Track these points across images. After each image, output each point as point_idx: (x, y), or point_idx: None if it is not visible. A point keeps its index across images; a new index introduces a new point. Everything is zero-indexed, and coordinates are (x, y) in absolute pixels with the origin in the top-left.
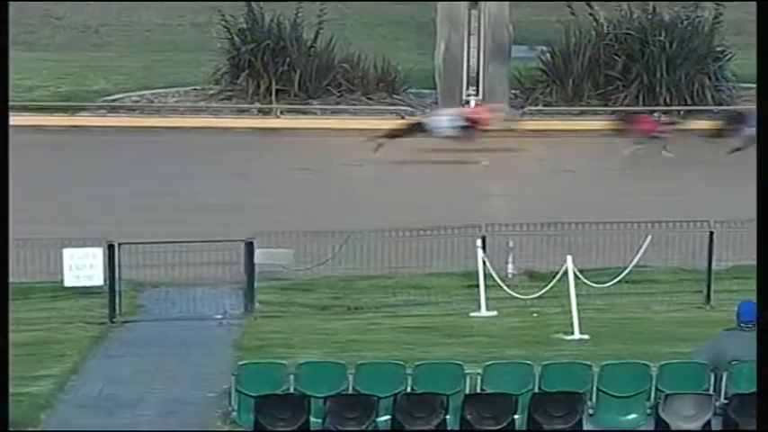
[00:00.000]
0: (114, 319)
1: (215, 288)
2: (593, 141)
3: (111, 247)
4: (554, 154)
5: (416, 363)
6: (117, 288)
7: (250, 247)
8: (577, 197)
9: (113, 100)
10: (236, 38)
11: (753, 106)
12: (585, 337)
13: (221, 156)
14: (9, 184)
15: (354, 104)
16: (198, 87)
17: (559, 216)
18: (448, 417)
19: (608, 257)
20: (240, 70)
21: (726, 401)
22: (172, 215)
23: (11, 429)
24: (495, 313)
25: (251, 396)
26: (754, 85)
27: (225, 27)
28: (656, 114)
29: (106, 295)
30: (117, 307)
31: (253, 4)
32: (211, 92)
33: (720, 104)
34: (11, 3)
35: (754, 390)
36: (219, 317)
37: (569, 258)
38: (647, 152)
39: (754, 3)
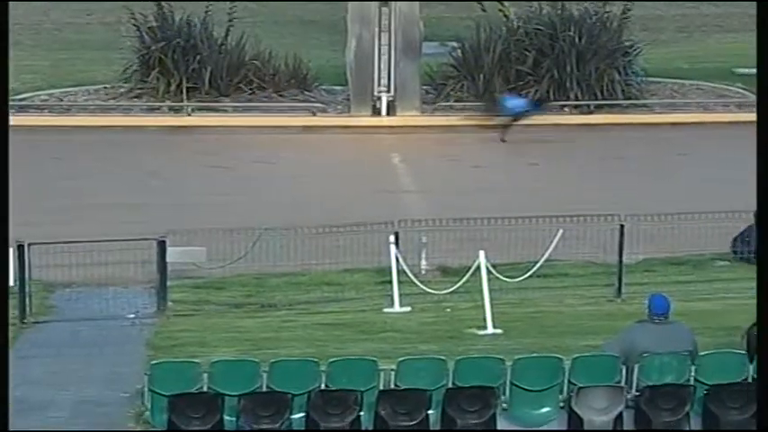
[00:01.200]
0: (25, 320)
1: (127, 287)
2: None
3: (20, 248)
4: (466, 149)
5: (330, 360)
6: (27, 289)
7: (162, 246)
8: (490, 192)
9: (22, 99)
10: (145, 36)
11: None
12: (499, 331)
13: (132, 154)
14: (9, 184)
15: (266, 101)
16: (108, 86)
17: (472, 211)
18: (362, 413)
19: (520, 252)
20: (150, 68)
21: (637, 393)
22: (82, 214)
23: (11, 430)
24: (408, 309)
25: (164, 395)
26: (663, 80)
27: (134, 25)
28: (566, 109)
29: (16, 296)
30: (27, 308)
31: (163, 3)
32: (121, 90)
33: (630, 98)
34: None
35: (664, 381)
36: (132, 316)
37: (482, 253)
38: (563, 146)
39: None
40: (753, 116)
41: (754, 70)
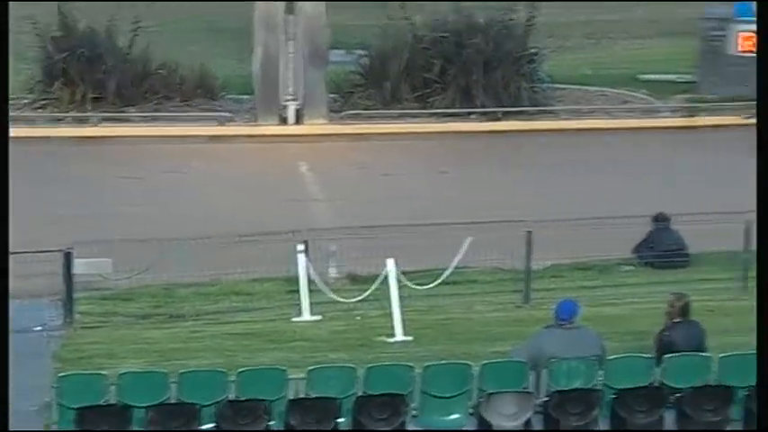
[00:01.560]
0: None
1: (33, 300)
2: (411, 144)
3: None
4: (374, 157)
5: (239, 369)
6: None
7: (68, 258)
8: (399, 199)
9: None
10: (49, 46)
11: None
12: (408, 338)
13: (38, 165)
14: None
15: (173, 111)
16: (11, 96)
17: (381, 219)
18: (272, 423)
19: (430, 260)
20: (54, 78)
21: (546, 399)
22: None
23: (11, 430)
24: (318, 318)
25: (72, 408)
26: (568, 86)
27: (37, 35)
28: (473, 116)
29: None
30: None
31: (65, 11)
32: (25, 101)
33: (536, 105)
34: None
35: (573, 386)
36: (38, 329)
37: (390, 261)
38: (472, 153)
39: (565, 3)
40: (658, 122)
41: (659, 76)
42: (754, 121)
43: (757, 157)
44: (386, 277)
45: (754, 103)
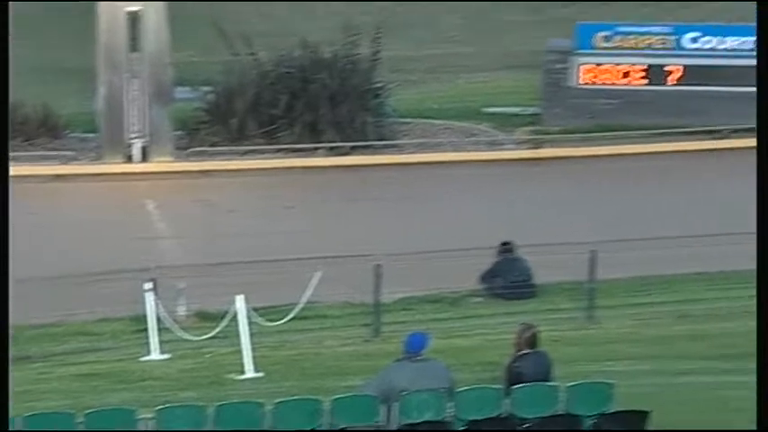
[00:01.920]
0: None
1: None
2: (258, 180)
3: None
4: (221, 194)
5: (87, 411)
6: None
7: None
8: (246, 236)
9: None
10: None
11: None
12: (259, 375)
13: None
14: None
15: (16, 151)
16: None
17: (230, 256)
18: None
19: (280, 295)
20: None
21: None
22: None
23: (11, 429)
24: (167, 356)
25: None
26: (414, 120)
27: None
28: (320, 151)
29: None
30: None
31: None
32: None
33: (383, 139)
34: None
35: (423, 419)
36: None
37: (240, 298)
38: (319, 188)
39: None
40: (504, 154)
41: (503, 109)
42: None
43: (757, 158)
44: (235, 314)
45: (598, 134)
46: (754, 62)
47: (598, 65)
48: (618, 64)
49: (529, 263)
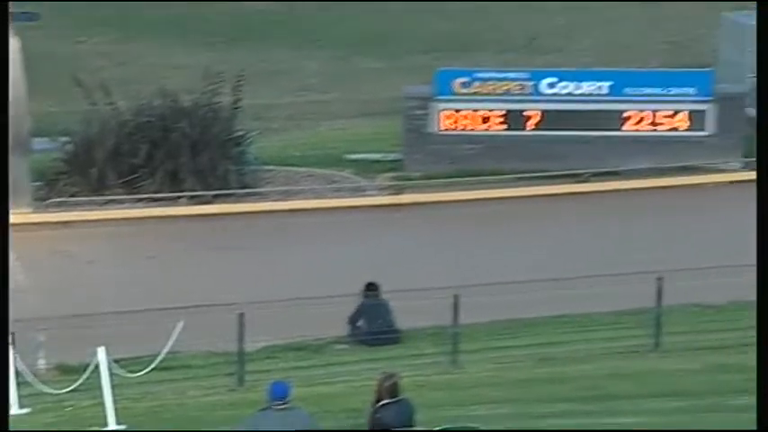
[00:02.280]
0: None
1: None
2: (118, 230)
3: None
4: (81, 245)
5: None
6: None
7: None
8: (107, 287)
9: None
10: None
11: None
12: (121, 427)
13: None
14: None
15: None
16: None
17: (90, 307)
18: None
19: (142, 346)
20: None
21: None
22: None
23: (11, 429)
24: (27, 410)
25: None
26: (276, 168)
27: None
28: (181, 200)
29: None
30: None
31: None
32: None
33: (245, 187)
34: None
35: None
36: None
37: (101, 349)
38: (181, 237)
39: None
40: (366, 200)
41: (364, 155)
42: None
43: (757, 159)
44: (97, 366)
45: (459, 179)
46: (610, 106)
47: (457, 111)
48: (477, 110)
49: (392, 307)
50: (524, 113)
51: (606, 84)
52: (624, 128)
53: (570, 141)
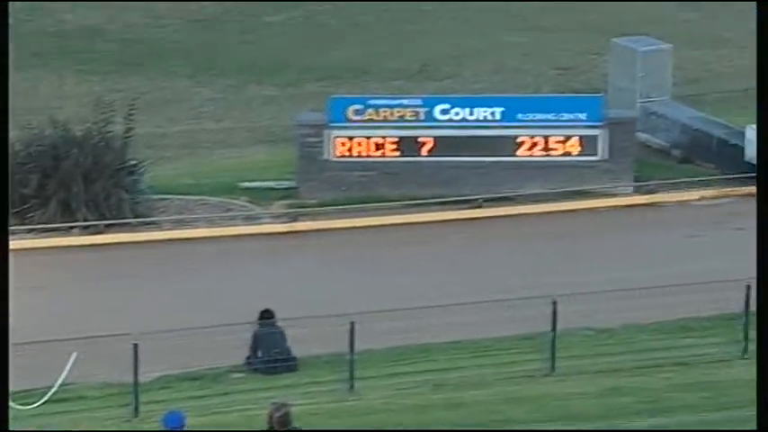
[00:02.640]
0: None
1: None
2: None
3: None
4: None
5: None
6: None
7: None
8: None
9: None
10: None
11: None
12: None
13: None
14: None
15: None
16: None
17: None
18: None
19: (34, 378)
20: None
21: None
22: None
23: (11, 429)
24: None
25: None
26: (170, 196)
27: None
28: (74, 230)
29: None
30: None
31: None
32: None
33: (139, 216)
34: None
35: None
36: None
37: None
38: (74, 268)
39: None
40: (261, 228)
41: (259, 183)
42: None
43: (757, 159)
44: None
45: (354, 206)
46: (503, 132)
47: (351, 138)
48: (370, 136)
49: (287, 336)
50: (418, 140)
51: (499, 110)
52: (517, 153)
53: (464, 167)
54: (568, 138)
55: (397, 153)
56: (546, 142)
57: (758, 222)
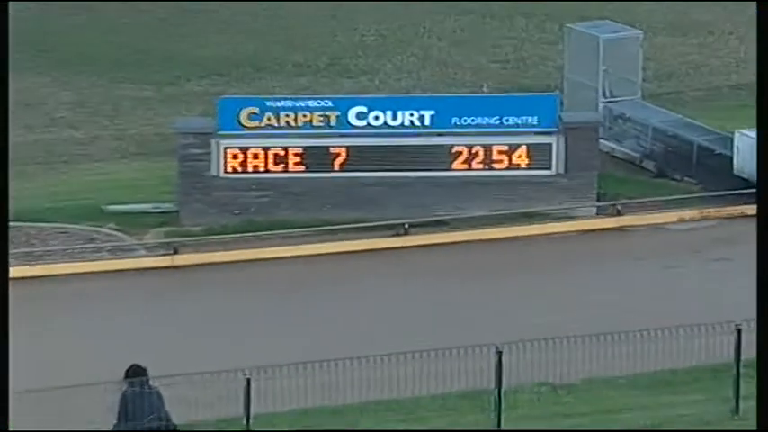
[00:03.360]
0: None
1: None
2: None
3: None
4: None
5: None
6: None
7: None
8: None
9: None
10: None
11: None
12: None
13: None
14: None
15: None
16: None
17: None
18: None
19: None
20: None
21: None
22: None
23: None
24: None
25: None
26: (20, 223)
27: None
28: None
29: None
30: None
31: None
32: None
33: None
34: None
35: None
36: None
37: None
38: None
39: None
40: (135, 262)
41: (130, 207)
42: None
43: (757, 160)
44: None
45: (250, 233)
46: (434, 140)
47: (245, 149)
48: (269, 147)
49: (164, 397)
50: (329, 150)
51: (428, 113)
52: (453, 167)
53: (386, 184)
54: (515, 147)
55: (303, 168)
56: (487, 153)
57: (758, 221)
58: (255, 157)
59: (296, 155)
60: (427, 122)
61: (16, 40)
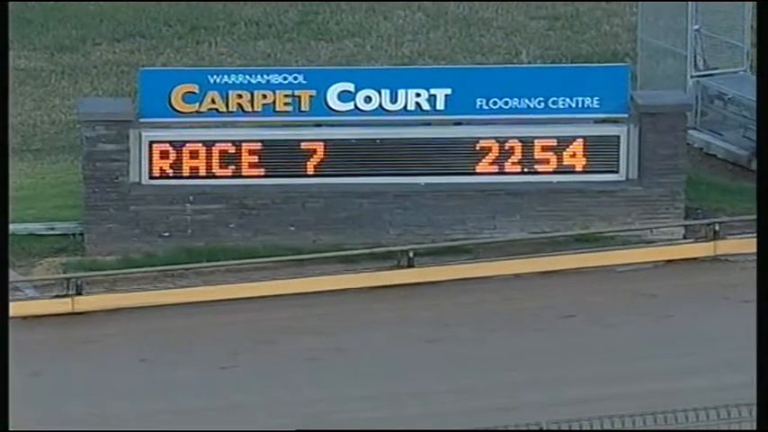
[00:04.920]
0: None
1: None
2: None
3: None
4: None
5: None
6: None
7: None
8: None
9: None
10: None
11: None
12: None
13: None
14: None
15: None
16: None
17: None
18: None
19: None
20: None
21: None
22: None
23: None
24: None
25: None
26: None
27: None
28: None
29: None
30: None
31: None
32: None
33: None
34: None
35: None
36: None
37: None
38: None
39: None
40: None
41: (14, 226)
42: None
43: (757, 160)
44: None
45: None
46: (451, 132)
47: (179, 143)
48: (214, 141)
49: None
50: (300, 146)
51: (443, 91)
52: (477, 169)
53: (381, 195)
54: (567, 141)
55: (262, 171)
56: (527, 150)
57: (758, 223)
58: (194, 155)
59: (252, 153)
60: (440, 106)
61: None
